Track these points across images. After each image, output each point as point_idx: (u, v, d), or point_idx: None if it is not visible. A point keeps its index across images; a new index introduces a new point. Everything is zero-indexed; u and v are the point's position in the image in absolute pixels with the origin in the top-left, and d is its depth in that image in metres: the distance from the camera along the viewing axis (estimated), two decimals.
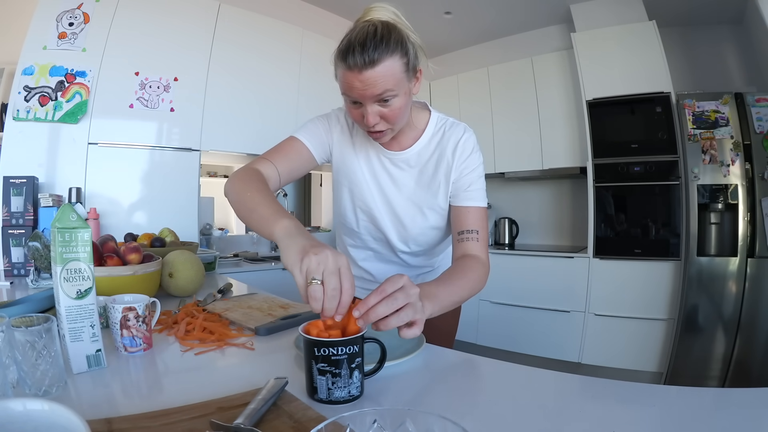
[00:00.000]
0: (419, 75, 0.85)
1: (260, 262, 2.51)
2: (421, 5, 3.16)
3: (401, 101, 0.81)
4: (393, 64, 0.77)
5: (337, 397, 0.55)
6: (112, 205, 2.09)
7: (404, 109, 0.83)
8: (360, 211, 1.03)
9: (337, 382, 0.55)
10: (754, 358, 2.25)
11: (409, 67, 0.80)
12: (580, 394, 0.64)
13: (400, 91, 0.80)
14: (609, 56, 2.79)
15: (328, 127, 1.00)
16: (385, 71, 0.76)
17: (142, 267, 1.02)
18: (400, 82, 0.79)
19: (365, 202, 1.01)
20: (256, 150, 2.61)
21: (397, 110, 0.82)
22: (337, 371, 0.55)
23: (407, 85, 0.82)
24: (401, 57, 0.78)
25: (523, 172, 3.36)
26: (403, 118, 0.85)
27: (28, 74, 1.90)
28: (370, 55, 0.75)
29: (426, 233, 1.02)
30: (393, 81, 0.78)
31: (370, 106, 0.80)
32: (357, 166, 1.00)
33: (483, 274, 0.89)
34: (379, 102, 0.80)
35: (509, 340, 3.04)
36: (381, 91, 0.78)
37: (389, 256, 1.08)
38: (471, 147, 0.94)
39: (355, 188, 1.01)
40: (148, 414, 0.50)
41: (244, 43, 2.54)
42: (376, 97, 0.79)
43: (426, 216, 0.99)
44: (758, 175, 2.28)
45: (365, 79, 0.76)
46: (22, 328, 0.55)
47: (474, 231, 0.91)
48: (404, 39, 0.79)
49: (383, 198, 1.00)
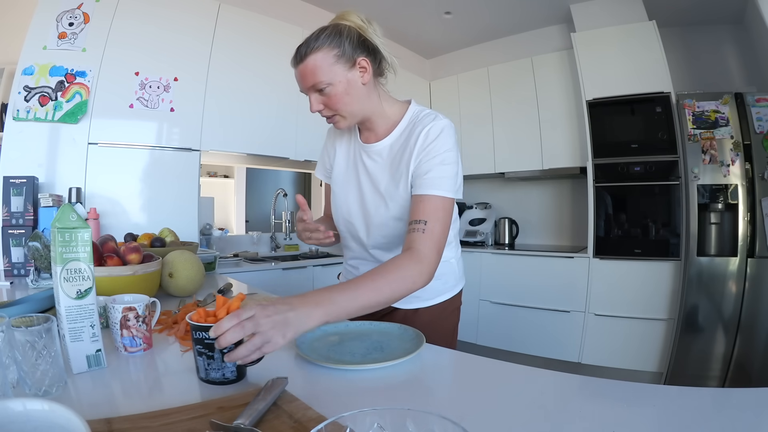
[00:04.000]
0: (363, 65, 0.90)
1: (260, 262, 2.51)
2: (421, 5, 3.16)
3: (338, 89, 0.89)
4: (320, 57, 0.86)
5: (213, 377, 0.62)
6: (112, 205, 2.09)
7: (344, 96, 0.90)
8: (342, 206, 1.05)
9: (211, 364, 0.61)
10: (754, 358, 2.25)
11: (343, 59, 0.87)
12: (580, 394, 0.64)
13: (335, 80, 0.88)
14: (609, 56, 2.79)
15: (327, 147, 1.12)
16: (313, 64, 0.86)
17: (142, 267, 1.02)
18: (331, 72, 0.87)
19: (345, 197, 1.05)
20: (256, 150, 2.61)
21: (335, 97, 0.89)
22: (210, 354, 0.61)
23: (344, 74, 0.88)
24: (330, 50, 0.86)
25: (523, 172, 3.36)
26: (347, 104, 0.91)
27: (28, 74, 1.90)
28: (300, 52, 0.88)
29: (388, 224, 0.99)
30: (321, 72, 0.87)
31: (311, 95, 0.91)
32: (340, 164, 1.07)
33: (414, 272, 0.80)
34: (317, 91, 0.90)
35: (509, 340, 3.04)
36: (311, 82, 0.88)
37: (362, 254, 1.08)
38: (436, 133, 0.91)
39: (338, 186, 1.07)
40: (148, 414, 0.50)
41: (244, 43, 2.54)
42: (312, 87, 0.89)
43: (388, 206, 0.98)
44: (758, 175, 2.28)
45: (298, 73, 0.90)
46: (22, 328, 0.55)
47: (422, 222, 0.85)
48: (339, 34, 0.87)
49: (358, 191, 1.03)
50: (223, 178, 3.17)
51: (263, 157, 2.73)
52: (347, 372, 0.67)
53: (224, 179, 3.17)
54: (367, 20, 0.93)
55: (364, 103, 0.94)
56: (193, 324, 0.62)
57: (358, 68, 0.90)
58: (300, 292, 0.70)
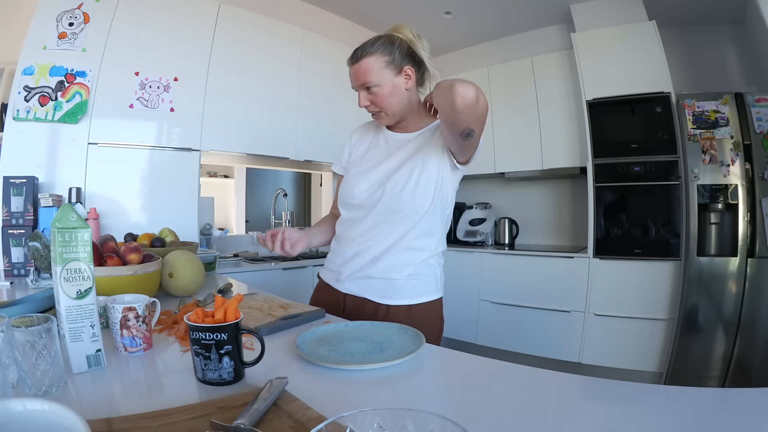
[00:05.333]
0: (408, 73, 1.05)
1: (260, 262, 2.51)
2: (421, 5, 3.16)
3: (384, 90, 1.04)
4: (373, 60, 1.02)
5: (210, 378, 0.62)
6: (112, 205, 2.09)
7: (388, 96, 1.05)
8: (355, 184, 1.13)
9: (208, 365, 0.61)
10: (754, 358, 2.25)
11: (392, 65, 1.03)
12: (580, 394, 0.64)
13: (382, 81, 1.03)
14: (609, 56, 2.79)
15: (349, 144, 1.24)
16: (365, 66, 1.02)
17: (142, 267, 1.02)
18: (380, 75, 1.03)
19: (363, 175, 1.13)
20: (256, 150, 2.61)
21: (381, 97, 1.05)
22: (207, 354, 0.61)
23: (391, 78, 1.04)
24: (382, 56, 1.02)
25: (523, 172, 3.36)
26: (390, 104, 1.06)
27: (28, 74, 1.90)
28: (357, 54, 1.04)
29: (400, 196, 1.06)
30: (372, 74, 1.02)
31: (360, 92, 1.07)
32: (360, 150, 1.20)
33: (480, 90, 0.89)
34: (366, 89, 1.05)
35: (509, 340, 3.04)
36: (362, 81, 1.04)
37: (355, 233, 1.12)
38: None
39: (354, 167, 1.18)
40: (148, 414, 0.50)
41: (244, 43, 2.54)
42: (362, 85, 1.05)
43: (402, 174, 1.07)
44: (758, 175, 2.28)
45: (352, 71, 1.06)
46: (22, 328, 0.55)
47: None
48: (392, 44, 1.03)
49: (376, 169, 1.12)
50: (223, 178, 3.17)
51: (263, 157, 2.73)
52: (347, 372, 0.67)
53: (224, 179, 3.17)
54: (417, 35, 1.07)
55: (404, 106, 1.08)
56: (190, 324, 0.62)
57: (404, 75, 1.05)
58: (300, 292, 0.71)
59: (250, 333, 0.65)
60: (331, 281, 1.17)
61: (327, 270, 1.20)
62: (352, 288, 1.11)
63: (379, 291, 1.08)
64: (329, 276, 1.18)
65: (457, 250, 3.34)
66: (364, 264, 1.09)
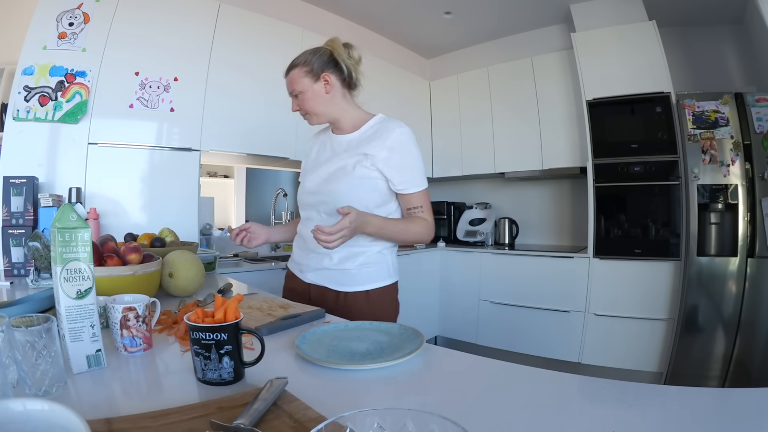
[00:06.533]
0: (326, 78, 1.19)
1: (260, 262, 2.51)
2: (421, 5, 3.16)
3: (306, 96, 1.20)
4: (296, 72, 1.20)
5: (210, 378, 0.62)
6: (112, 205, 2.09)
7: (310, 101, 1.20)
8: (309, 181, 1.27)
9: (208, 365, 0.61)
10: (754, 358, 2.25)
11: (310, 74, 1.18)
12: (580, 394, 0.64)
13: (305, 89, 1.19)
14: (609, 56, 2.79)
15: (306, 152, 1.41)
16: (291, 77, 1.21)
17: (142, 267, 1.02)
18: (302, 83, 1.19)
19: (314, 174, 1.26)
20: (257, 150, 2.61)
21: (304, 102, 1.21)
22: (207, 354, 0.61)
23: (311, 85, 1.19)
24: (303, 66, 1.19)
25: (523, 172, 3.36)
26: (313, 107, 1.21)
27: (28, 74, 1.90)
28: (288, 67, 1.23)
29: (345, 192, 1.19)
30: (296, 83, 1.20)
31: (292, 99, 1.24)
32: (316, 153, 1.33)
33: (426, 228, 1.19)
34: (294, 96, 1.22)
35: (509, 340, 3.04)
36: (290, 89, 1.22)
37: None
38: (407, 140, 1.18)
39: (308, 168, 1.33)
40: (148, 414, 0.50)
41: (244, 43, 2.54)
42: (291, 93, 1.23)
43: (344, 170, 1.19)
44: (758, 175, 2.28)
45: (286, 82, 1.24)
46: (22, 328, 0.55)
47: (419, 207, 1.20)
48: (312, 54, 1.19)
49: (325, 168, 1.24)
50: (223, 178, 3.16)
51: (263, 157, 2.73)
52: (347, 372, 0.67)
53: (224, 179, 3.17)
54: (348, 45, 1.22)
55: (327, 107, 1.22)
56: (190, 324, 0.62)
57: (323, 81, 1.19)
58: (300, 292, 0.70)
59: (250, 333, 0.65)
60: (296, 272, 1.32)
61: (293, 262, 1.35)
62: (313, 278, 1.25)
63: (337, 280, 1.22)
64: (294, 267, 1.34)
65: (457, 250, 3.35)
66: (320, 258, 1.23)
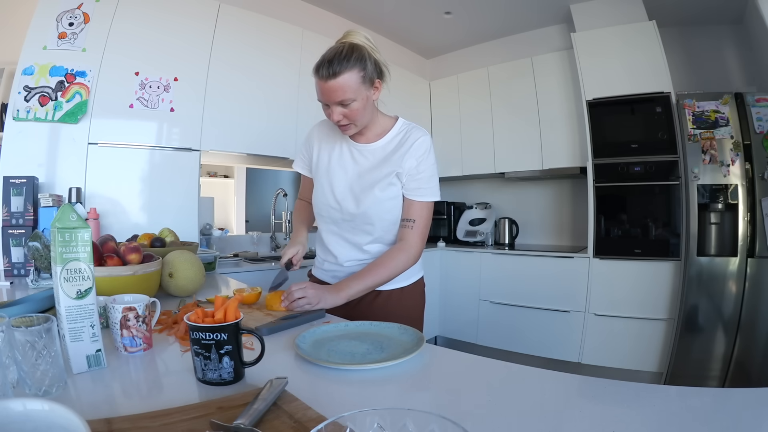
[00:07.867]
0: (377, 86, 1.08)
1: (260, 262, 2.51)
2: (421, 5, 3.16)
3: (359, 105, 1.04)
4: (351, 77, 1.00)
5: (210, 378, 0.62)
6: (112, 205, 2.09)
7: (362, 111, 1.06)
8: (328, 194, 1.19)
9: (208, 365, 0.61)
10: (754, 358, 2.25)
11: (365, 80, 1.03)
12: (580, 394, 0.64)
13: (358, 97, 1.03)
14: (609, 56, 2.79)
15: (309, 145, 1.28)
16: (343, 82, 0.99)
17: (142, 267, 1.02)
18: (357, 90, 1.02)
19: (331, 186, 1.19)
20: (257, 150, 2.61)
21: (356, 111, 1.04)
22: (207, 354, 0.61)
23: (365, 93, 1.04)
24: (359, 71, 1.01)
25: (523, 172, 3.36)
26: (362, 117, 1.07)
27: (28, 74, 1.90)
28: (333, 68, 0.99)
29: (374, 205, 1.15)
30: (350, 90, 1.00)
31: (334, 107, 1.04)
32: (323, 159, 1.22)
33: (405, 258, 1.13)
34: (341, 105, 1.03)
35: (509, 340, 3.04)
36: (340, 98, 1.01)
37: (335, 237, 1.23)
38: (426, 149, 1.13)
39: (322, 177, 1.21)
40: (148, 414, 0.50)
41: (244, 43, 2.54)
42: (339, 102, 1.02)
43: (374, 190, 1.14)
44: (758, 175, 2.28)
45: (326, 87, 1.01)
46: (22, 328, 0.55)
47: (412, 220, 1.14)
48: (364, 57, 1.02)
49: (346, 179, 1.18)
50: (223, 178, 3.17)
51: (263, 157, 2.73)
52: (347, 372, 0.67)
53: (224, 179, 3.17)
54: (370, 40, 1.08)
55: (371, 116, 1.12)
56: (190, 324, 0.62)
57: (374, 88, 1.07)
58: None
59: (250, 333, 0.65)
60: (328, 279, 1.27)
61: (321, 270, 1.30)
62: None
63: None
64: (324, 275, 1.29)
65: (457, 250, 3.34)
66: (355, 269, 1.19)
